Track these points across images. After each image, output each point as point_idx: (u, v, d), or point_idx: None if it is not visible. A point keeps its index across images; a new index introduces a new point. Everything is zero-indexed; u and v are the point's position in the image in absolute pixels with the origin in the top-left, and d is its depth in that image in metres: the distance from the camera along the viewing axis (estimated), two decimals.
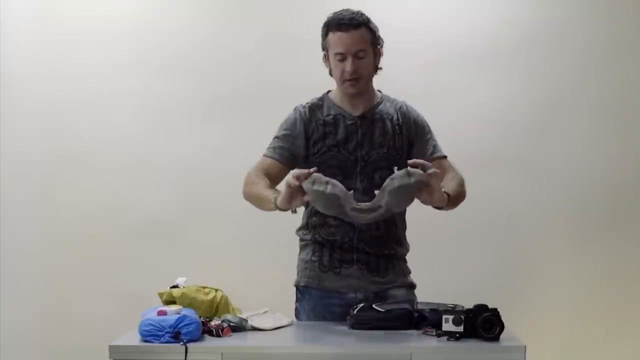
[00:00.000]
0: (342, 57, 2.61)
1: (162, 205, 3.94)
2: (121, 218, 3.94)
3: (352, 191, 2.42)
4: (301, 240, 2.82)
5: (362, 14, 2.62)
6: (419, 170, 2.35)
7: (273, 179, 2.70)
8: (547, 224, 3.92)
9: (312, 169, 2.36)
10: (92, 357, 3.31)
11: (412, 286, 2.77)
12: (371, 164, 2.65)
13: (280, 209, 2.46)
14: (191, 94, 3.95)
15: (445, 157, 2.75)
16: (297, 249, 3.26)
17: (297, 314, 2.77)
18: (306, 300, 2.74)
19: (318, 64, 3.90)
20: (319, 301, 2.70)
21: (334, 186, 2.35)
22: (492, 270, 3.90)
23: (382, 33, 2.68)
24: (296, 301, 2.80)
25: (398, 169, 2.41)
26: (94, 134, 3.95)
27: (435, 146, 2.75)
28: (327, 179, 2.35)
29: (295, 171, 2.43)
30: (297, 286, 2.80)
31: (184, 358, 2.22)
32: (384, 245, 2.69)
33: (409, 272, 2.80)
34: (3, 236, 3.96)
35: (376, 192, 2.41)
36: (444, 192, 2.49)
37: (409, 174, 2.33)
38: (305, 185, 2.35)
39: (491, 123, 3.90)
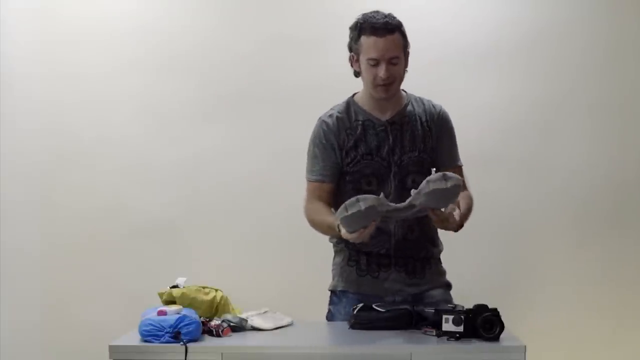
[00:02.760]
0: (376, 63, 2.57)
1: (162, 205, 3.94)
2: (121, 218, 3.94)
3: (381, 194, 2.40)
4: (335, 246, 2.79)
5: (394, 17, 2.59)
6: (456, 175, 2.34)
7: (327, 200, 2.68)
8: (547, 223, 3.92)
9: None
10: (92, 357, 3.31)
11: (448, 286, 2.79)
12: (403, 169, 2.64)
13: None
14: (191, 94, 3.95)
15: (460, 166, 2.75)
16: (297, 249, 3.29)
17: (331, 317, 2.75)
18: (343, 304, 2.71)
19: (318, 64, 3.92)
20: (356, 304, 2.64)
21: (365, 199, 2.33)
22: (492, 270, 3.90)
23: None
24: (330, 304, 2.77)
25: (436, 171, 2.42)
26: (94, 134, 3.95)
27: (453, 155, 2.74)
28: (355, 197, 2.34)
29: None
30: (333, 290, 2.77)
31: (184, 358, 2.22)
32: (419, 248, 2.69)
33: (445, 272, 2.81)
34: (3, 236, 3.96)
35: (412, 191, 2.38)
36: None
37: (445, 178, 2.32)
38: (340, 215, 2.35)
39: (492, 122, 3.90)
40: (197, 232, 3.94)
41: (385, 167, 2.64)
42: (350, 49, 2.64)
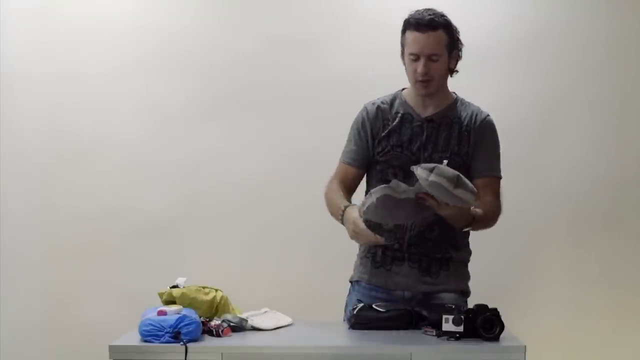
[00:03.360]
0: (416, 58, 2.59)
1: (162, 205, 3.94)
2: (121, 218, 3.94)
3: (393, 180, 2.36)
4: None
5: (442, 16, 2.61)
6: (470, 185, 2.31)
7: (349, 184, 2.72)
8: (547, 223, 3.91)
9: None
10: (92, 357, 3.31)
11: (464, 293, 2.75)
12: None
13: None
14: (192, 95, 3.95)
15: (497, 178, 2.75)
16: (298, 249, 3.29)
17: (345, 307, 2.76)
18: (355, 293, 2.74)
19: (319, 64, 3.92)
20: (367, 294, 2.69)
21: (376, 190, 2.31)
22: (492, 270, 3.89)
23: (384, 33, 2.66)
24: (347, 295, 2.80)
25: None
26: (94, 134, 3.95)
27: (490, 165, 2.73)
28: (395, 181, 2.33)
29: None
30: (351, 281, 2.81)
31: (184, 358, 2.22)
32: (437, 248, 2.67)
33: (467, 277, 2.79)
34: (3, 237, 3.95)
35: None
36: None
37: (456, 183, 2.26)
38: (362, 209, 2.34)
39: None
40: (197, 232, 3.94)
41: (414, 161, 2.62)
42: (401, 45, 2.67)
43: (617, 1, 3.87)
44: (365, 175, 2.76)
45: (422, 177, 2.27)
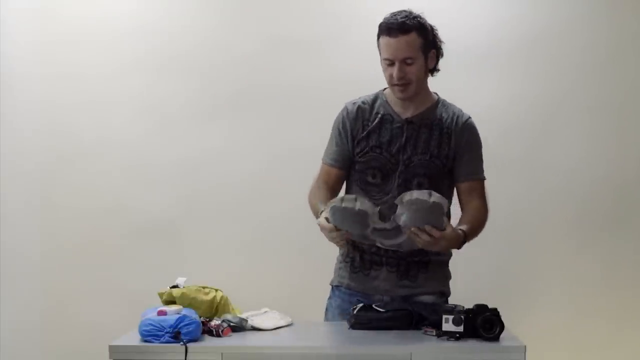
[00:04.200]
0: (390, 63, 2.58)
1: (162, 205, 3.94)
2: (121, 218, 3.94)
3: (378, 208, 2.42)
4: None
5: (415, 18, 2.58)
6: (442, 196, 2.35)
7: (333, 185, 2.73)
8: (547, 223, 3.92)
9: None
10: (92, 357, 3.31)
11: (443, 294, 2.73)
12: (411, 169, 2.63)
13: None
14: (192, 95, 3.95)
15: (481, 179, 2.72)
16: (298, 249, 3.28)
17: (326, 312, 2.78)
18: (335, 298, 2.75)
19: (319, 64, 3.92)
20: (347, 299, 2.69)
21: (363, 202, 2.36)
22: (492, 270, 3.90)
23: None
24: (328, 299, 2.80)
25: (436, 182, 2.49)
26: (94, 134, 3.95)
27: (473, 167, 2.70)
28: (355, 196, 2.37)
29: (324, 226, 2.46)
30: (331, 285, 2.81)
31: (184, 358, 2.22)
32: (415, 252, 2.63)
33: (447, 278, 2.77)
34: (3, 236, 3.96)
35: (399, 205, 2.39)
36: (460, 229, 2.52)
37: (430, 193, 2.33)
38: (333, 203, 2.37)
39: (491, 122, 3.88)
40: (197, 233, 3.94)
41: (393, 163, 2.63)
42: (378, 49, 2.66)
43: (616, 2, 3.87)
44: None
45: (406, 199, 2.34)
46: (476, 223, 2.64)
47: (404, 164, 2.63)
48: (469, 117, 2.73)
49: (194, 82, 3.94)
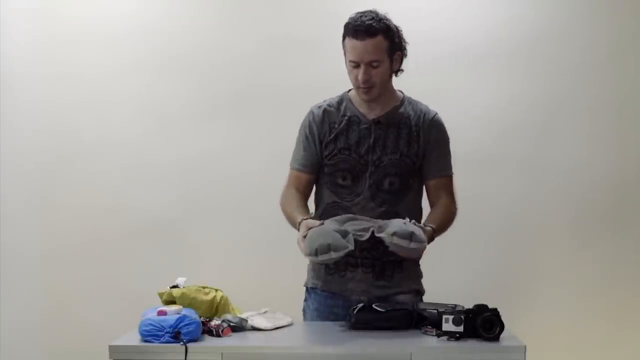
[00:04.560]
0: (356, 65, 2.56)
1: (162, 205, 3.94)
2: (121, 218, 3.94)
3: (350, 236, 2.43)
4: None
5: (381, 20, 2.55)
6: (423, 237, 2.41)
7: (304, 190, 2.74)
8: (547, 223, 3.92)
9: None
10: (92, 357, 3.30)
11: (418, 292, 2.74)
12: (381, 170, 2.63)
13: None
14: (191, 95, 3.95)
15: (449, 176, 2.73)
16: (298, 249, 3.25)
17: (304, 314, 2.78)
18: (312, 300, 2.74)
19: (319, 65, 3.92)
20: (323, 302, 2.70)
21: (337, 249, 2.38)
22: (492, 270, 3.90)
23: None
24: (304, 300, 2.80)
25: (407, 181, 2.51)
26: (94, 134, 3.95)
27: (442, 164, 2.71)
28: (328, 243, 2.37)
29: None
30: (305, 286, 2.81)
31: (184, 358, 2.22)
32: (389, 251, 2.62)
33: (419, 276, 2.77)
34: (3, 237, 3.96)
35: (377, 226, 2.44)
36: (430, 226, 2.55)
37: (410, 236, 2.38)
38: (311, 256, 2.42)
39: (491, 123, 3.90)
40: (197, 232, 3.94)
41: (362, 165, 2.63)
42: (343, 50, 2.64)
43: (616, 2, 3.87)
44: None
45: (387, 241, 2.40)
46: (445, 219, 2.66)
47: (373, 164, 2.63)
48: (436, 114, 2.72)
49: (194, 82, 3.94)
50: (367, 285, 2.65)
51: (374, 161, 2.63)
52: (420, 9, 3.89)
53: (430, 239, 2.57)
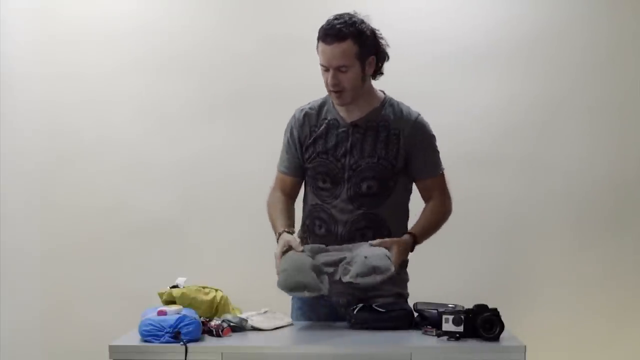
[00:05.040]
0: (325, 69, 2.55)
1: (162, 205, 3.94)
2: (121, 218, 3.94)
3: (325, 281, 2.45)
4: (301, 240, 2.80)
5: (353, 24, 2.51)
6: (390, 268, 2.40)
7: (289, 192, 2.76)
8: (547, 224, 3.91)
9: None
10: (92, 357, 3.31)
11: (401, 296, 2.68)
12: (359, 173, 2.61)
13: None
14: (191, 95, 3.95)
15: (440, 175, 2.71)
16: None
17: (292, 312, 2.77)
18: (295, 299, 2.74)
19: (318, 65, 3.90)
20: (305, 301, 2.68)
21: (311, 289, 2.39)
22: (492, 270, 3.90)
23: (385, 33, 2.62)
24: (291, 299, 2.79)
25: (386, 183, 2.53)
26: (94, 134, 3.95)
27: (430, 165, 2.68)
28: (304, 282, 2.38)
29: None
30: None
31: (184, 358, 2.22)
32: None
33: (404, 280, 2.73)
34: (3, 236, 3.96)
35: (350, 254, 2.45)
36: (409, 232, 2.59)
37: (375, 271, 2.38)
38: (285, 282, 2.42)
39: (491, 123, 3.90)
40: (197, 232, 3.94)
41: (339, 168, 2.62)
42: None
43: (616, 2, 3.87)
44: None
45: (354, 282, 2.41)
46: (432, 222, 2.67)
47: (350, 168, 2.61)
48: (418, 115, 2.68)
49: (194, 81, 3.94)
50: (345, 286, 2.55)
51: (351, 165, 2.61)
52: (420, 9, 3.89)
53: (413, 244, 2.59)
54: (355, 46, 2.52)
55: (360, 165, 2.61)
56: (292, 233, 2.62)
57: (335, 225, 2.63)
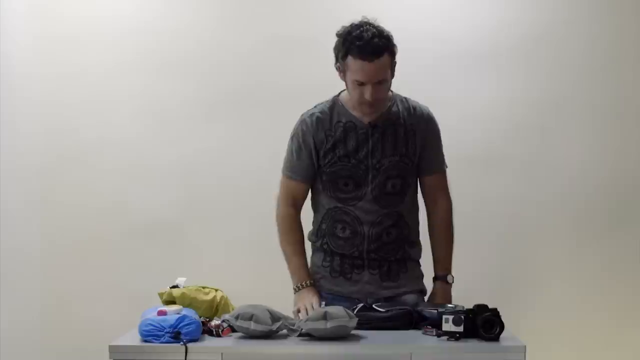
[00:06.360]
0: (360, 83, 2.51)
1: (162, 205, 3.94)
2: (121, 218, 3.94)
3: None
4: (313, 244, 2.80)
5: (382, 33, 2.49)
6: (339, 312, 2.34)
7: (300, 202, 2.74)
8: (547, 224, 3.91)
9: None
10: (92, 357, 3.31)
11: (422, 292, 2.75)
12: (383, 173, 2.62)
13: None
14: (191, 94, 3.95)
15: (444, 170, 2.75)
16: None
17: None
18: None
19: (318, 64, 3.90)
20: (329, 304, 2.65)
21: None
22: (492, 271, 3.90)
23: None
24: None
25: (408, 180, 2.58)
26: (94, 134, 3.95)
27: (439, 160, 2.72)
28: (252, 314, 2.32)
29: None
30: None
31: (184, 358, 2.22)
32: (395, 250, 2.67)
33: (421, 276, 2.78)
34: (3, 236, 3.96)
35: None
36: (441, 275, 2.72)
37: (325, 317, 2.31)
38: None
39: (492, 123, 3.90)
40: (197, 232, 3.94)
41: (363, 170, 2.62)
42: (337, 59, 2.57)
43: (617, 3, 3.87)
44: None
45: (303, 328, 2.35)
46: (450, 243, 2.77)
47: (374, 168, 2.62)
48: (427, 108, 2.71)
49: (194, 81, 3.94)
50: (375, 286, 2.65)
51: (374, 165, 2.62)
52: (420, 9, 3.88)
53: (447, 282, 2.72)
54: (389, 57, 2.52)
55: (384, 165, 2.62)
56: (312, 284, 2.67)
57: (360, 226, 2.64)
